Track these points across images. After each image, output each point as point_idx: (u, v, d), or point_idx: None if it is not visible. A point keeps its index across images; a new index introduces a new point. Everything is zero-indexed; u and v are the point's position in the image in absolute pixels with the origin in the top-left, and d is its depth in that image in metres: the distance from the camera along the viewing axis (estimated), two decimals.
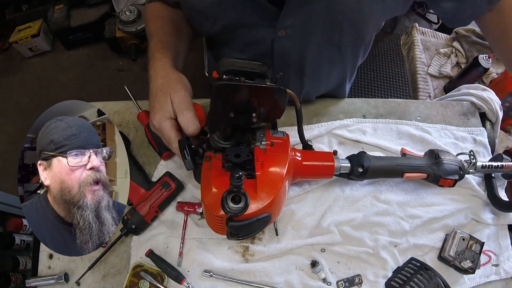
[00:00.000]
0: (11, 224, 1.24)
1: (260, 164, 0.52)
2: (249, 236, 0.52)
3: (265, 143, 0.54)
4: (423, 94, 1.33)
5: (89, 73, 2.17)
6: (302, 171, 0.59)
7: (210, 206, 0.48)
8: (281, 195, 0.51)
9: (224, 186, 0.48)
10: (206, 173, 0.52)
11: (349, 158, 0.61)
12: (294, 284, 0.61)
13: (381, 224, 0.65)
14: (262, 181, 0.50)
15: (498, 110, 0.77)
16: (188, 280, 0.61)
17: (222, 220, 0.49)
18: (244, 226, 0.47)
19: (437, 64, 1.41)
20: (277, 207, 0.52)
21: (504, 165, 0.66)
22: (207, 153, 0.55)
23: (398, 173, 0.62)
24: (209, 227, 0.64)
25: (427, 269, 0.61)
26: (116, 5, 2.06)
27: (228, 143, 0.54)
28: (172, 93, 0.54)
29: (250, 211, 0.47)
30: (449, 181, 0.62)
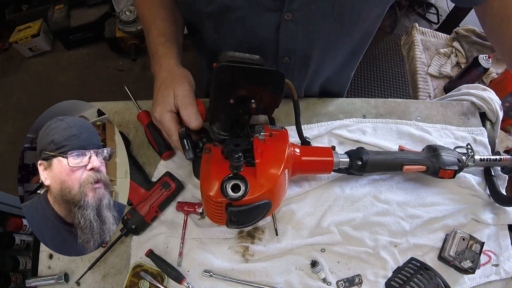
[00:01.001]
0: (11, 224, 1.24)
1: (259, 152, 0.52)
2: (249, 224, 0.52)
3: (264, 133, 0.55)
4: (423, 94, 1.33)
5: (89, 73, 2.17)
6: (301, 166, 0.59)
7: (210, 193, 0.49)
8: (280, 182, 0.51)
9: (223, 173, 0.48)
10: (206, 163, 0.53)
11: (348, 153, 0.62)
12: (294, 284, 0.61)
13: (381, 224, 0.65)
14: (262, 167, 0.51)
15: (498, 110, 0.77)
16: (188, 280, 0.61)
17: (222, 207, 0.49)
18: (243, 211, 0.47)
19: (437, 64, 1.41)
20: (277, 194, 0.52)
21: (503, 158, 0.66)
22: (207, 145, 0.56)
23: (397, 166, 0.62)
24: (209, 227, 0.65)
25: (427, 269, 0.61)
26: (116, 5, 2.06)
27: (228, 134, 0.54)
28: (176, 88, 0.54)
29: (250, 197, 0.47)
30: (449, 172, 0.62)
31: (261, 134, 0.55)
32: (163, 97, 0.54)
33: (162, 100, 0.54)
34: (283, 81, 0.50)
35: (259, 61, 0.48)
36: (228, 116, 0.53)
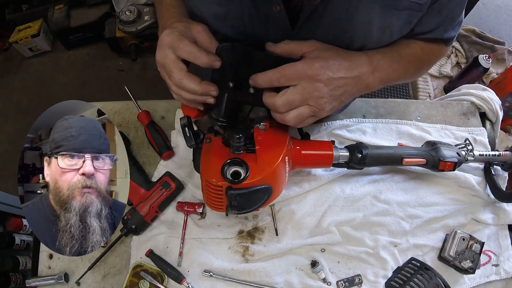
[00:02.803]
0: (11, 224, 1.24)
1: (259, 140, 0.53)
2: (249, 210, 0.52)
3: (264, 123, 0.55)
4: (423, 94, 1.33)
5: (89, 73, 2.17)
6: (301, 159, 0.59)
7: (210, 177, 0.49)
8: (280, 168, 0.52)
9: (224, 158, 0.49)
10: (207, 152, 0.53)
11: (348, 147, 0.62)
12: (294, 284, 0.61)
13: (381, 224, 0.65)
14: (262, 153, 0.51)
15: (498, 110, 0.77)
16: (188, 280, 0.61)
17: (222, 191, 0.49)
18: (244, 194, 0.47)
19: (437, 64, 1.41)
20: (277, 180, 0.52)
21: (502, 154, 0.66)
22: (208, 135, 0.56)
23: (397, 159, 0.62)
24: (209, 227, 0.65)
25: (427, 269, 0.61)
26: (116, 5, 2.06)
27: (226, 121, 0.54)
28: (194, 25, 0.48)
29: (250, 180, 0.47)
30: (449, 164, 0.62)
31: (262, 124, 0.56)
32: (178, 28, 0.47)
33: (172, 33, 0.46)
34: None
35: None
36: (227, 101, 0.52)
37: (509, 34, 2.35)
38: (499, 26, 2.12)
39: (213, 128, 0.56)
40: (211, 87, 0.48)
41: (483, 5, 2.27)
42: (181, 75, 0.47)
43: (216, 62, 0.47)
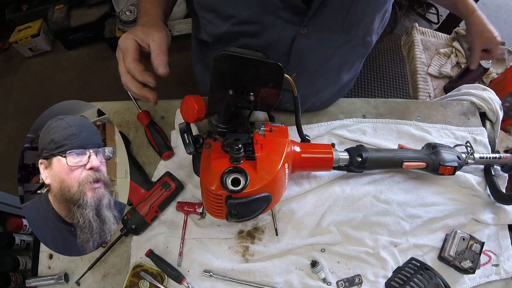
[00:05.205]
0: (11, 224, 1.24)
1: (259, 146, 0.52)
2: (249, 218, 0.52)
3: (264, 129, 0.55)
4: (423, 94, 1.33)
5: (89, 73, 2.17)
6: (301, 163, 0.59)
7: (210, 186, 0.49)
8: (280, 176, 0.51)
9: (223, 166, 0.48)
10: (206, 158, 0.53)
11: (348, 150, 0.62)
12: (294, 284, 0.61)
13: (381, 224, 0.65)
14: (262, 161, 0.51)
15: (498, 110, 0.77)
16: (188, 280, 0.61)
17: (221, 200, 0.49)
18: (243, 203, 0.47)
19: (437, 64, 1.41)
20: (276, 188, 0.52)
21: (503, 156, 0.66)
22: (207, 140, 0.56)
23: (397, 163, 0.62)
24: (209, 227, 0.65)
25: (427, 269, 0.61)
26: (116, 5, 2.06)
27: (226, 127, 0.54)
28: (154, 33, 0.55)
29: (250, 189, 0.47)
30: (449, 168, 0.62)
31: (261, 129, 0.56)
32: (138, 31, 0.55)
33: (136, 31, 0.55)
34: (282, 74, 0.50)
35: (261, 57, 0.49)
36: (227, 108, 0.52)
37: (509, 34, 2.36)
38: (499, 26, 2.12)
39: (212, 135, 0.56)
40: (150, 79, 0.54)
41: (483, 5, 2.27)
42: (126, 78, 0.55)
43: (150, 81, 0.54)
